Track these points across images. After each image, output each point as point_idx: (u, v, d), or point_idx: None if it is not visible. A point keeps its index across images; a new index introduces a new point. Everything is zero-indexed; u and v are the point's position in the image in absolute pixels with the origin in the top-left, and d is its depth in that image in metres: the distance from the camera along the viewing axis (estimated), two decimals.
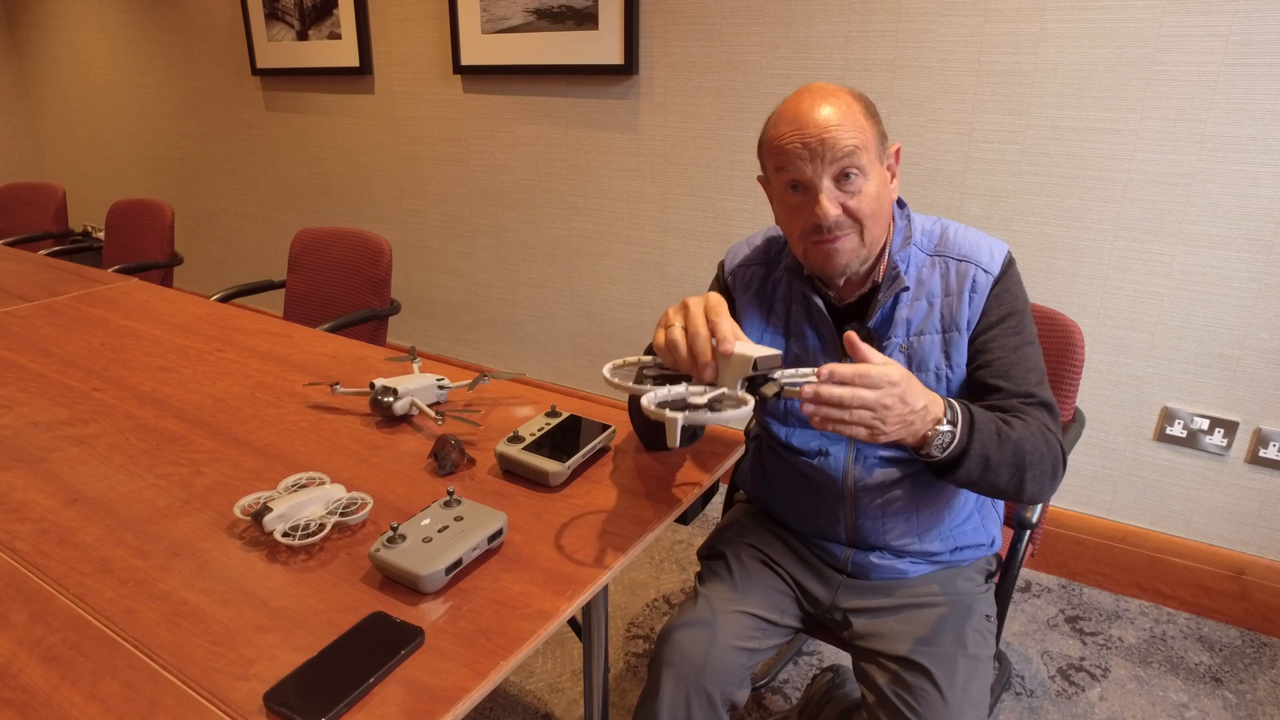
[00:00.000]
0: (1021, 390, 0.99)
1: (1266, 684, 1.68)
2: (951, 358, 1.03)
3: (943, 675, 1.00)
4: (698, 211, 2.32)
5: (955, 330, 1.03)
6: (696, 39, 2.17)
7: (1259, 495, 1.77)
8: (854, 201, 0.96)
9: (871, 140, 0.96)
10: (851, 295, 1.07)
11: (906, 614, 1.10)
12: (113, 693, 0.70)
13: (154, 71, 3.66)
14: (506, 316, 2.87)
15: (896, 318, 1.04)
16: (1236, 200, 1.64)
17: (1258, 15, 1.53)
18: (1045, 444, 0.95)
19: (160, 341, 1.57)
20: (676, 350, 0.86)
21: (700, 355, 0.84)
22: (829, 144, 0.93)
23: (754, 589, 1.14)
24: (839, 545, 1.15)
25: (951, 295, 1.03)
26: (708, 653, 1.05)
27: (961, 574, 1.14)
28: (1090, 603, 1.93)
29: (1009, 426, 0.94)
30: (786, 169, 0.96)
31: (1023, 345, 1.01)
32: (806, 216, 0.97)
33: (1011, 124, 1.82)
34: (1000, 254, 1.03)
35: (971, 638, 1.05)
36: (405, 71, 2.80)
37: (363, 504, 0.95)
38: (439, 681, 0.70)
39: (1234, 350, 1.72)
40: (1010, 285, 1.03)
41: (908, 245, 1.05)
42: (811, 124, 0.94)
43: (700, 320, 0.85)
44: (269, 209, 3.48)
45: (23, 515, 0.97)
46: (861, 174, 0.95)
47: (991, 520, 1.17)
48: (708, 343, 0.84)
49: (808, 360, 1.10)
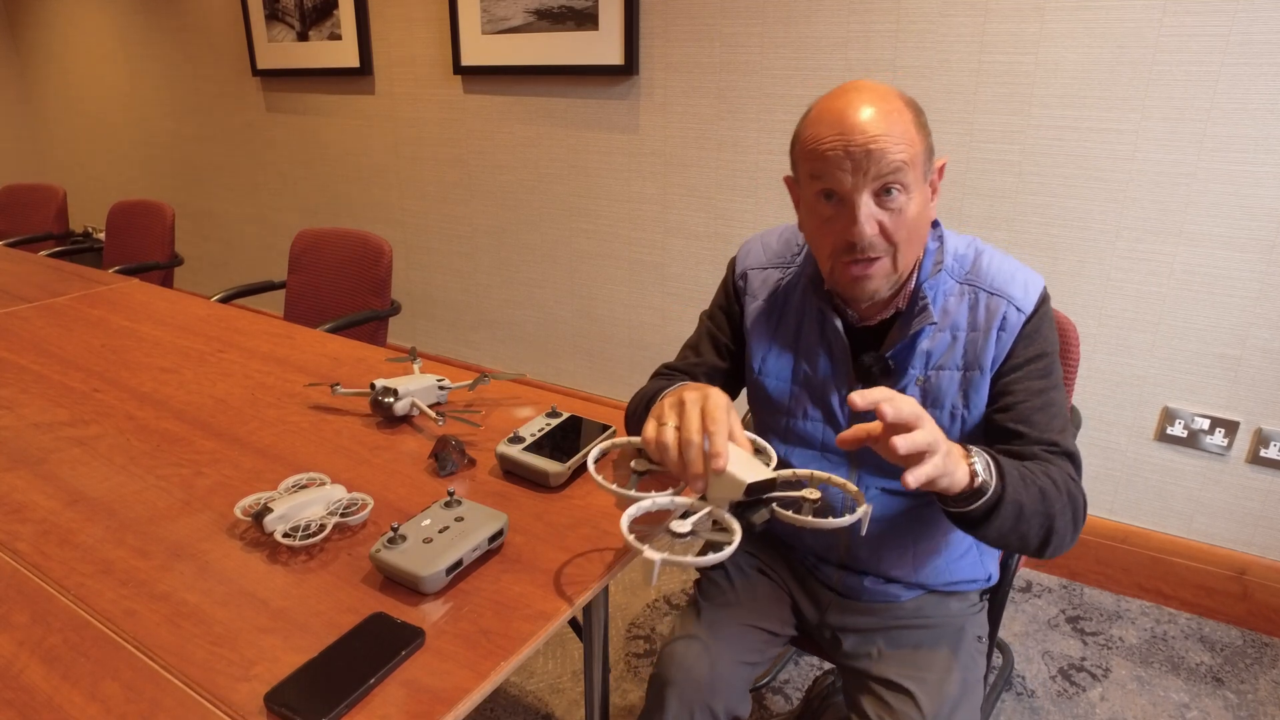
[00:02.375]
0: (1044, 438, 0.92)
1: (1268, 684, 1.67)
2: (969, 397, 0.97)
3: (927, 700, 0.98)
4: (698, 212, 2.32)
5: (978, 370, 0.96)
6: (697, 39, 2.17)
7: (1260, 495, 1.77)
8: (892, 221, 0.87)
9: (920, 155, 0.87)
10: (873, 318, 1.00)
11: (896, 634, 1.07)
12: (113, 694, 0.70)
13: (154, 72, 3.66)
14: (507, 317, 2.87)
15: (917, 349, 0.97)
16: (1238, 200, 1.64)
17: (1258, 15, 1.53)
18: (1069, 494, 0.89)
19: (161, 342, 1.57)
20: (666, 453, 0.79)
21: (691, 465, 0.78)
22: (875, 156, 0.84)
23: (754, 600, 1.12)
24: (831, 567, 1.12)
25: (978, 331, 0.96)
26: (711, 670, 1.03)
27: (954, 596, 1.11)
28: (1091, 603, 1.93)
29: (1032, 474, 0.87)
30: (823, 177, 0.88)
31: (1049, 390, 0.94)
32: (840, 232, 0.89)
33: (1012, 124, 1.82)
34: (1035, 290, 0.96)
35: (962, 661, 1.03)
36: (406, 72, 2.80)
37: (363, 505, 0.95)
38: (440, 682, 0.70)
39: (1235, 350, 1.72)
40: (1042, 325, 0.95)
41: (938, 271, 0.97)
42: (858, 130, 0.84)
43: (695, 426, 0.78)
44: (269, 210, 3.48)
45: (24, 516, 0.97)
46: (904, 192, 0.86)
47: (989, 556, 1.13)
48: (700, 452, 0.78)
49: (816, 385, 1.04)
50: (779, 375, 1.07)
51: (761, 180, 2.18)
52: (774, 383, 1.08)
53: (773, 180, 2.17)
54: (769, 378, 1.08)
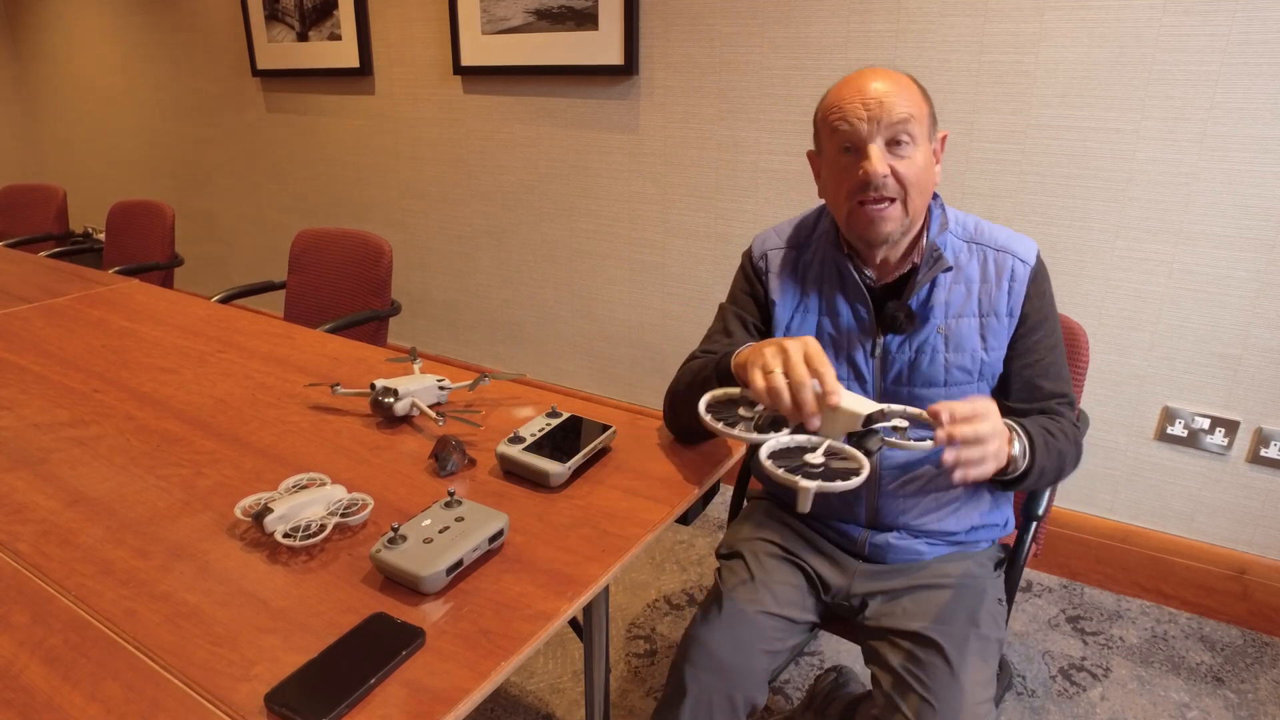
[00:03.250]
0: (1058, 391, 1.08)
1: (1268, 684, 1.67)
2: (988, 341, 1.07)
3: (955, 652, 1.01)
4: (698, 212, 2.32)
5: (993, 316, 1.07)
6: (696, 39, 2.17)
7: (1260, 495, 1.77)
8: (903, 166, 0.99)
9: (925, 116, 1.01)
10: (890, 275, 1.09)
11: (921, 594, 1.10)
12: (114, 694, 0.70)
13: (154, 73, 3.66)
14: (507, 317, 2.87)
15: (935, 300, 1.07)
16: (1237, 199, 1.64)
17: (1258, 15, 1.53)
18: (1075, 443, 1.06)
19: (161, 343, 1.57)
20: (779, 397, 0.86)
21: (806, 405, 0.85)
22: (886, 107, 0.97)
23: (775, 586, 1.14)
24: (857, 527, 1.16)
25: (990, 283, 1.07)
26: (733, 656, 1.06)
27: (974, 559, 1.15)
28: (1091, 602, 1.93)
29: (1054, 437, 1.02)
30: (840, 129, 1.00)
31: (1057, 344, 1.10)
32: (855, 175, 1.00)
33: (1012, 124, 1.82)
34: (1033, 248, 1.09)
35: (984, 619, 1.06)
36: (405, 72, 2.80)
37: (363, 505, 0.95)
38: (440, 682, 0.70)
39: (1235, 349, 1.72)
40: (1046, 286, 1.09)
41: (944, 231, 1.09)
42: (870, 90, 0.99)
43: (801, 368, 0.86)
44: (269, 210, 3.48)
45: (24, 517, 0.97)
46: (913, 142, 0.99)
47: (1004, 500, 1.19)
48: (813, 393, 0.85)
49: (841, 341, 1.11)
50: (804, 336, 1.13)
51: (762, 180, 2.18)
52: None
53: (773, 180, 2.17)
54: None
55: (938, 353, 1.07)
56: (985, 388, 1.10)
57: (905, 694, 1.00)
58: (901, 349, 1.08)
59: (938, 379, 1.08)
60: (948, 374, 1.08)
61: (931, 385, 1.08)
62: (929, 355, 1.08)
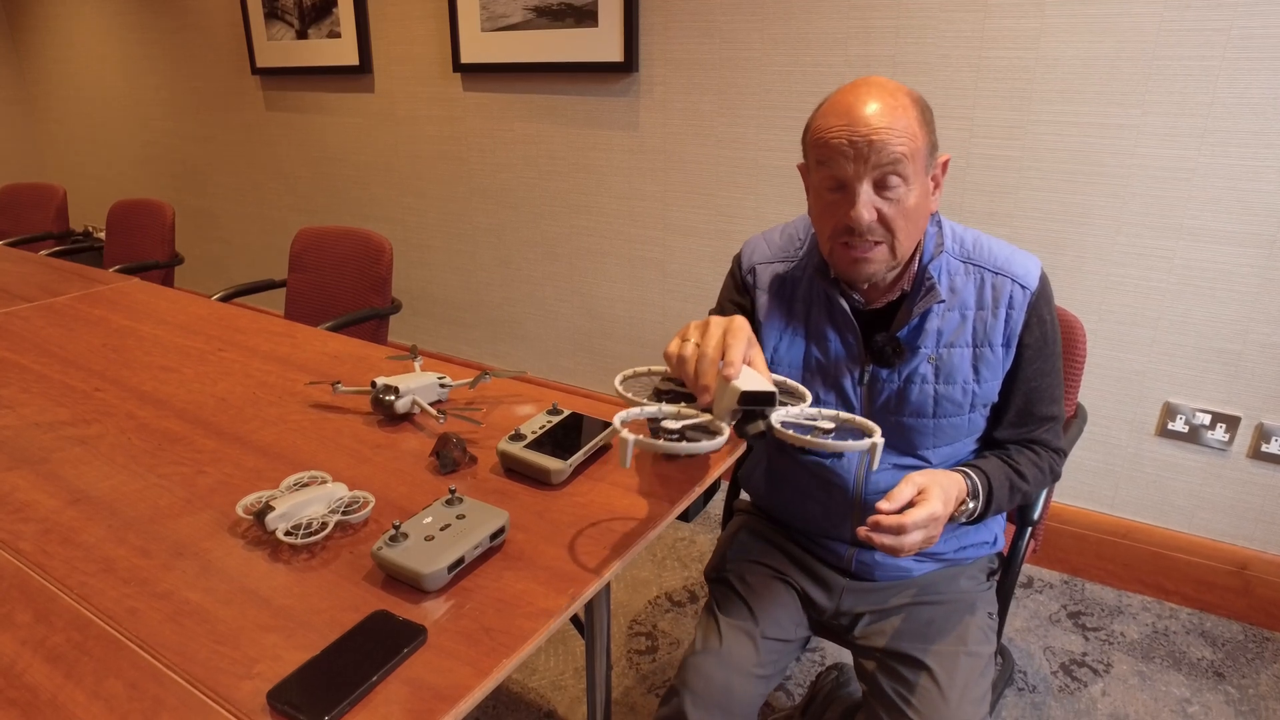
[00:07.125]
0: (1049, 414, 1.06)
1: (1269, 679, 1.68)
2: (980, 373, 1.02)
3: (943, 672, 1.00)
4: (698, 209, 2.32)
5: (988, 346, 1.01)
6: (696, 36, 2.17)
7: (1261, 490, 1.77)
8: (891, 210, 0.92)
9: (921, 149, 0.92)
10: (879, 300, 1.04)
11: (910, 611, 1.10)
12: (116, 692, 0.70)
13: (154, 71, 3.66)
14: (507, 315, 2.87)
15: (926, 328, 1.02)
16: (1238, 195, 1.64)
17: (1258, 10, 1.53)
18: (1050, 471, 1.06)
19: (161, 341, 1.57)
20: (683, 366, 0.83)
21: (701, 376, 0.81)
22: (876, 146, 0.89)
23: (766, 609, 1.14)
24: (843, 544, 1.15)
25: (986, 310, 1.01)
26: (729, 684, 1.05)
27: (964, 573, 1.14)
28: (1092, 598, 1.93)
29: (1022, 479, 1.03)
30: (828, 164, 0.93)
31: (1055, 369, 1.05)
32: (840, 216, 0.94)
33: (1013, 120, 1.81)
34: (1035, 268, 1.02)
35: (973, 635, 1.05)
36: (405, 70, 2.79)
37: (365, 503, 0.95)
38: (441, 680, 0.71)
39: (1236, 345, 1.72)
40: (1046, 312, 1.03)
41: (940, 254, 1.02)
42: (862, 122, 0.90)
43: (715, 341, 0.82)
44: (269, 208, 3.48)
45: (26, 515, 0.97)
46: (904, 183, 0.91)
47: (994, 521, 1.17)
48: (714, 366, 0.81)
49: (829, 368, 1.08)
50: (791, 363, 1.10)
51: (762, 177, 2.18)
52: (787, 370, 1.10)
53: (773, 176, 2.16)
54: (782, 366, 1.11)
55: (926, 383, 1.03)
56: (977, 419, 1.06)
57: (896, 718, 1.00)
58: (890, 378, 1.05)
59: (925, 410, 1.04)
60: (936, 405, 1.03)
61: (920, 415, 1.04)
62: (917, 385, 1.03)
